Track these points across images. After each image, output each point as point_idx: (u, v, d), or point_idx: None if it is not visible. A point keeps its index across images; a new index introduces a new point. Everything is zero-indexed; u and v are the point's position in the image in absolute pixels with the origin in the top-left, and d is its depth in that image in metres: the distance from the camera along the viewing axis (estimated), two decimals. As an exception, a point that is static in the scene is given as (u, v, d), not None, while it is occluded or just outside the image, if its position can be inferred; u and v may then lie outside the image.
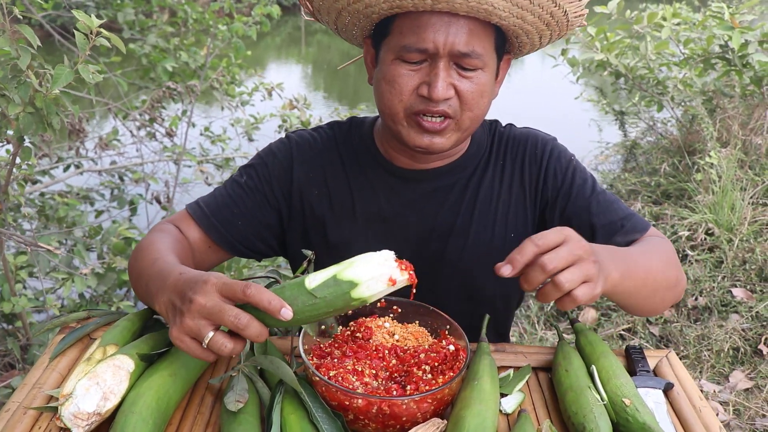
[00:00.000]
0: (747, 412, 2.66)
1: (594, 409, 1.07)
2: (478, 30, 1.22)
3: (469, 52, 1.21)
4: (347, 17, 1.28)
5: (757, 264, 3.52)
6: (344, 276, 0.96)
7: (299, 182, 1.45)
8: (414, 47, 1.21)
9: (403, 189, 1.44)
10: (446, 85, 1.23)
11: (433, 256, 1.45)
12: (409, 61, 1.24)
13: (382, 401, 1.01)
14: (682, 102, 4.90)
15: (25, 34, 1.50)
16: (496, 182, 1.46)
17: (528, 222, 1.48)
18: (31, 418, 1.05)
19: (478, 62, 1.23)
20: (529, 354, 1.31)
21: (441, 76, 1.22)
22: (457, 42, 1.20)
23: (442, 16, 1.19)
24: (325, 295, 0.96)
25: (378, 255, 0.98)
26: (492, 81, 1.30)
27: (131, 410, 0.98)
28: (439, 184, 1.44)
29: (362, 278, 0.96)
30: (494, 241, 1.45)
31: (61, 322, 1.30)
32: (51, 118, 1.62)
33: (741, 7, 3.99)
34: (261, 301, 0.94)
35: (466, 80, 1.25)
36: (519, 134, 1.50)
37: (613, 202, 1.45)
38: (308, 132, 1.50)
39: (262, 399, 1.09)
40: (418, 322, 1.27)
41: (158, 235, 1.36)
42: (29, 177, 3.20)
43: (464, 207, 1.44)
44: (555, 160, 1.47)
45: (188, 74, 3.95)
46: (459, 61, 1.23)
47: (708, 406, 1.17)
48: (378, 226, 1.44)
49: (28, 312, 2.64)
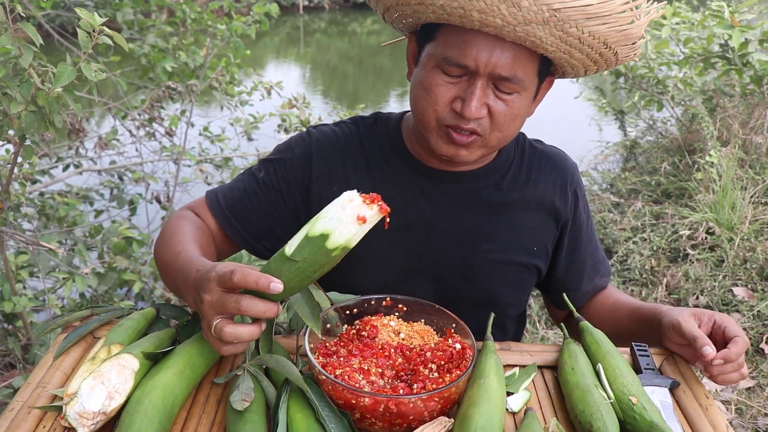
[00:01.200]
0: (749, 411, 2.66)
1: (601, 407, 1.07)
2: (523, 56, 1.19)
3: (510, 77, 1.20)
4: (395, 13, 1.27)
5: (758, 263, 3.52)
6: (314, 231, 0.96)
7: (318, 179, 1.42)
8: (455, 61, 1.20)
9: (431, 189, 1.42)
10: (480, 105, 1.21)
11: (455, 259, 1.44)
12: (449, 73, 1.22)
13: (389, 400, 1.01)
14: (682, 101, 4.90)
15: (28, 32, 1.49)
16: (528, 194, 1.45)
17: (550, 239, 1.50)
18: (35, 418, 1.04)
19: (517, 87, 1.22)
20: (534, 352, 1.30)
21: (477, 95, 1.20)
22: (499, 65, 1.18)
23: (488, 37, 1.17)
24: (305, 256, 0.96)
25: (340, 199, 0.97)
26: (528, 104, 1.28)
27: (137, 409, 0.98)
28: (467, 187, 1.43)
29: (331, 227, 0.95)
30: (518, 250, 1.46)
31: (65, 322, 1.29)
32: (53, 117, 1.62)
33: (740, 6, 3.98)
34: (248, 284, 0.96)
35: (501, 102, 1.23)
36: (554, 153, 1.51)
37: (597, 242, 1.60)
38: (330, 127, 1.48)
39: (267, 398, 1.09)
40: (423, 320, 1.27)
41: (181, 223, 1.37)
42: (29, 176, 3.20)
43: (491, 213, 1.44)
44: (580, 190, 1.53)
45: (187, 74, 3.94)
46: (497, 83, 1.21)
47: (714, 405, 1.17)
48: (400, 225, 1.41)
49: (29, 312, 2.63)
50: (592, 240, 1.57)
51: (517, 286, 1.50)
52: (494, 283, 1.46)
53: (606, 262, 1.61)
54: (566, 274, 1.54)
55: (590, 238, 1.56)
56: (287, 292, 0.99)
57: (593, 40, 1.13)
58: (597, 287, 1.58)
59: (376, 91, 10.23)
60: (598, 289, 1.58)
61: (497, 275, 1.46)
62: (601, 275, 1.59)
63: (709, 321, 1.27)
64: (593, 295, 1.59)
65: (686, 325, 1.24)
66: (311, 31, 15.37)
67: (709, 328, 1.27)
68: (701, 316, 1.27)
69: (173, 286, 1.25)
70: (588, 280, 1.56)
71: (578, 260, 1.54)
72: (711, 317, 1.27)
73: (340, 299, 1.28)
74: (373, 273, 1.43)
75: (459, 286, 1.44)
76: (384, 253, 1.43)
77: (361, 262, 1.42)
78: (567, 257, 1.53)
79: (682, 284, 3.54)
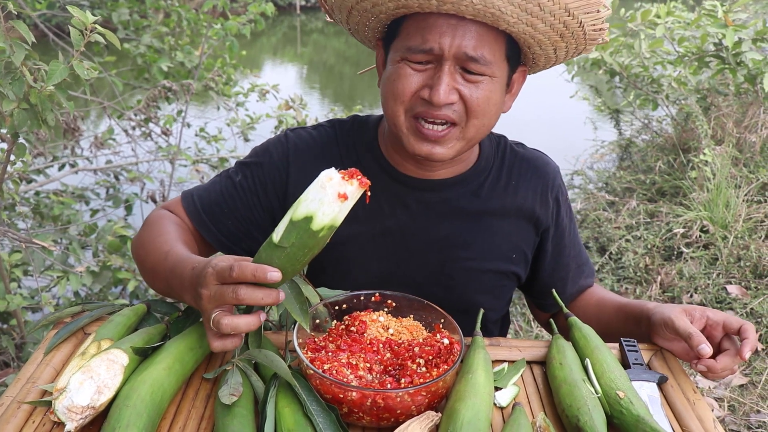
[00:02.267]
0: (742, 408, 2.67)
1: (588, 401, 1.08)
2: (488, 36, 1.18)
3: (477, 57, 1.17)
4: (357, 16, 1.26)
5: (752, 261, 3.53)
6: (298, 215, 0.96)
7: (295, 182, 1.41)
8: (419, 48, 1.18)
9: (408, 197, 1.40)
10: (449, 89, 1.19)
11: (433, 266, 1.43)
12: (414, 61, 1.20)
13: (377, 394, 1.01)
14: (677, 100, 4.92)
15: (20, 30, 1.49)
16: (507, 201, 1.43)
17: (529, 245, 1.48)
18: (24, 413, 1.04)
19: (485, 69, 1.19)
20: (523, 348, 1.31)
21: (444, 79, 1.17)
22: (464, 45, 1.16)
23: (449, 19, 1.16)
24: (293, 241, 0.97)
25: (319, 179, 0.97)
26: (501, 91, 1.26)
27: (125, 404, 0.98)
28: (444, 195, 1.40)
29: (313, 208, 0.96)
30: (495, 258, 1.45)
31: (56, 318, 1.29)
32: (45, 115, 1.62)
33: (734, 6, 4.00)
34: (247, 278, 0.96)
35: (472, 85, 1.20)
36: (535, 158, 1.48)
37: (581, 244, 1.59)
38: (307, 131, 1.46)
39: (256, 392, 1.09)
40: (412, 316, 1.27)
41: (162, 223, 1.36)
42: (24, 176, 3.20)
43: (469, 221, 1.42)
44: (562, 195, 1.51)
45: (183, 74, 3.94)
46: (465, 66, 1.19)
47: (702, 399, 1.18)
48: (377, 232, 1.41)
49: (23, 310, 2.63)
50: (576, 243, 1.56)
51: (495, 293, 1.49)
52: (472, 290, 1.45)
53: (589, 263, 1.61)
54: (551, 279, 1.54)
55: (573, 242, 1.55)
56: (284, 278, 1.00)
57: (553, 5, 1.10)
58: (581, 289, 1.58)
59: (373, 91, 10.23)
60: (582, 290, 1.58)
61: (475, 283, 1.45)
62: (585, 276, 1.58)
63: (701, 317, 1.27)
64: (577, 297, 1.59)
65: (680, 322, 1.24)
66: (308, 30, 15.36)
67: (702, 324, 1.27)
68: (693, 313, 1.28)
69: (164, 287, 1.23)
70: (572, 283, 1.56)
71: (563, 264, 1.54)
72: (703, 313, 1.27)
73: (329, 294, 1.28)
74: (350, 279, 1.41)
75: (436, 293, 1.40)
76: (361, 260, 1.42)
77: (338, 268, 1.42)
78: (551, 263, 1.52)
79: (676, 282, 3.55)
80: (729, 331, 1.26)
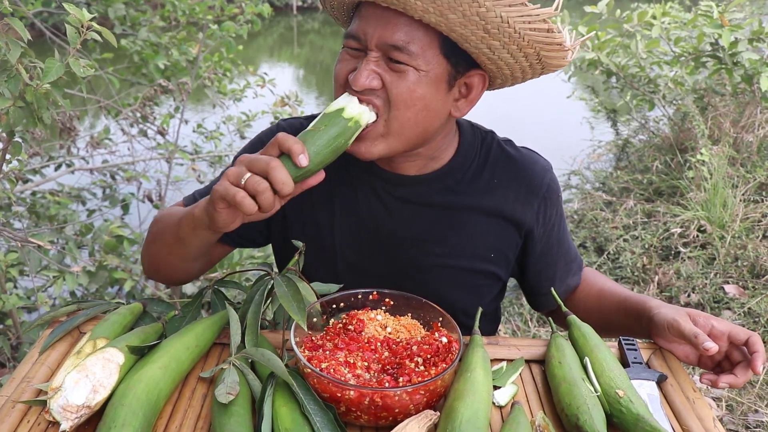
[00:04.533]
0: (740, 408, 2.67)
1: (587, 400, 1.07)
2: (418, 30, 1.17)
3: (399, 45, 1.17)
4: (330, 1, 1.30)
5: (749, 261, 3.53)
6: (331, 108, 1.17)
7: None
8: (350, 33, 1.23)
9: (382, 190, 1.40)
10: (369, 73, 1.18)
11: (405, 260, 1.42)
12: (349, 47, 1.24)
13: (375, 393, 1.01)
14: (674, 100, 4.92)
15: (15, 27, 1.48)
16: (485, 201, 1.41)
17: (512, 246, 1.46)
18: (19, 412, 1.04)
19: (409, 59, 1.18)
20: (522, 347, 1.30)
21: (365, 64, 1.19)
22: (387, 35, 1.17)
23: (380, 9, 1.18)
24: (326, 124, 1.14)
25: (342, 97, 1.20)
26: (432, 87, 1.21)
27: (121, 403, 0.97)
28: (418, 190, 1.39)
29: (344, 103, 1.17)
30: (471, 256, 1.43)
31: (51, 317, 1.28)
32: (41, 113, 1.61)
33: (730, 6, 4.00)
34: (288, 144, 1.08)
35: (395, 74, 1.19)
36: (522, 158, 1.45)
37: (570, 241, 1.57)
38: (299, 120, 1.48)
39: (253, 391, 1.08)
40: (410, 314, 1.27)
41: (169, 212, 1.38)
42: (20, 175, 3.18)
43: (443, 217, 1.40)
44: (552, 193, 1.47)
45: (180, 70, 3.91)
46: (390, 55, 1.19)
47: (701, 398, 1.17)
48: (354, 223, 1.42)
49: (19, 310, 2.62)
50: (564, 241, 1.53)
51: (471, 291, 1.46)
52: (445, 287, 1.43)
53: (578, 258, 1.58)
54: (538, 279, 1.52)
55: (562, 240, 1.52)
56: (314, 161, 1.10)
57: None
58: (569, 287, 1.55)
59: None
60: (571, 289, 1.56)
61: (448, 279, 1.43)
62: (573, 274, 1.56)
63: (705, 324, 1.25)
64: (566, 295, 1.56)
65: (685, 324, 1.23)
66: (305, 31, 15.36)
67: (707, 330, 1.25)
68: (697, 319, 1.26)
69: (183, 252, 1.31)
70: (560, 282, 1.53)
71: (549, 264, 1.51)
72: (707, 321, 1.26)
73: (324, 290, 1.28)
74: (325, 267, 1.43)
75: (409, 287, 1.35)
76: (334, 249, 1.43)
77: (312, 255, 1.42)
78: (538, 264, 1.50)
79: (673, 282, 3.55)
80: (735, 342, 1.25)
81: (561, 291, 1.53)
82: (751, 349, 1.22)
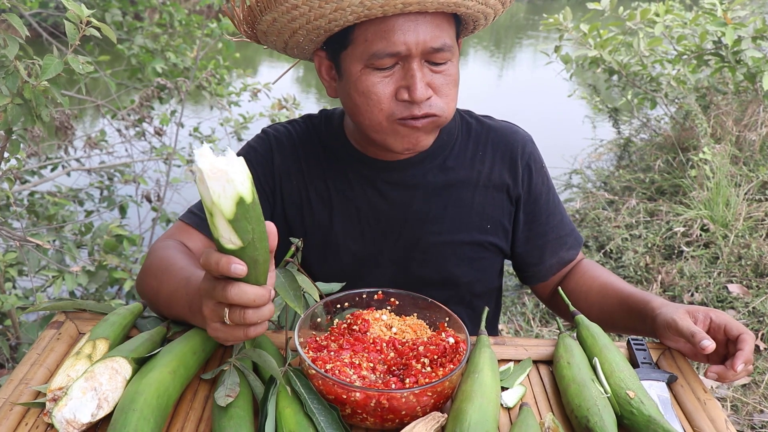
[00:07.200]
0: (745, 408, 2.65)
1: (598, 402, 1.05)
2: (444, 23, 1.20)
3: (441, 47, 1.19)
4: (302, 36, 1.23)
5: (753, 260, 3.51)
6: (228, 211, 0.83)
7: (280, 173, 1.45)
8: (385, 53, 1.18)
9: (375, 178, 1.43)
10: (424, 85, 1.20)
11: (407, 243, 1.45)
12: (381, 67, 1.20)
13: (381, 394, 0.98)
14: (676, 99, 4.89)
15: (13, 23, 1.46)
16: (474, 172, 1.45)
17: (506, 215, 1.49)
18: (17, 415, 1.01)
19: (448, 54, 1.22)
20: (529, 347, 1.28)
21: (418, 76, 1.19)
22: (428, 40, 1.18)
23: (408, 17, 1.16)
24: (250, 228, 0.85)
25: (201, 174, 0.84)
26: (458, 65, 1.29)
27: (132, 408, 0.94)
28: (410, 172, 1.43)
29: (231, 192, 0.84)
30: (468, 229, 1.46)
31: (50, 307, 1.27)
32: (40, 111, 1.59)
33: (733, 4, 3.98)
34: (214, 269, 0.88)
35: (439, 75, 1.23)
36: (502, 128, 1.50)
37: (564, 215, 1.57)
38: (283, 125, 1.50)
39: (254, 393, 1.06)
40: (416, 314, 1.24)
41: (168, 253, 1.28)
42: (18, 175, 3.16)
43: (437, 195, 1.44)
44: (535, 162, 1.50)
45: (177, 74, 3.92)
46: (430, 58, 1.20)
47: (713, 399, 1.15)
48: (351, 214, 1.44)
49: (18, 310, 2.60)
50: (556, 212, 1.54)
51: (475, 266, 1.49)
52: (450, 263, 1.46)
53: (575, 234, 1.57)
54: (526, 247, 1.53)
55: (553, 211, 1.53)
56: (260, 270, 0.90)
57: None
58: (563, 260, 1.55)
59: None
60: (565, 262, 1.55)
61: (451, 255, 1.46)
62: (568, 248, 1.55)
63: (705, 318, 1.24)
64: (560, 269, 1.55)
65: (682, 323, 1.22)
66: (304, 31, 15.32)
67: (706, 326, 1.24)
68: (696, 314, 1.25)
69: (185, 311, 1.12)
70: (551, 253, 1.53)
71: (539, 233, 1.52)
72: (706, 314, 1.25)
73: (327, 289, 1.27)
74: (328, 262, 1.46)
75: (414, 269, 1.45)
76: (337, 243, 1.45)
77: (316, 251, 1.46)
78: (525, 231, 1.51)
79: (676, 281, 3.53)
80: (728, 336, 1.23)
81: (553, 263, 1.55)
82: (738, 346, 1.20)
